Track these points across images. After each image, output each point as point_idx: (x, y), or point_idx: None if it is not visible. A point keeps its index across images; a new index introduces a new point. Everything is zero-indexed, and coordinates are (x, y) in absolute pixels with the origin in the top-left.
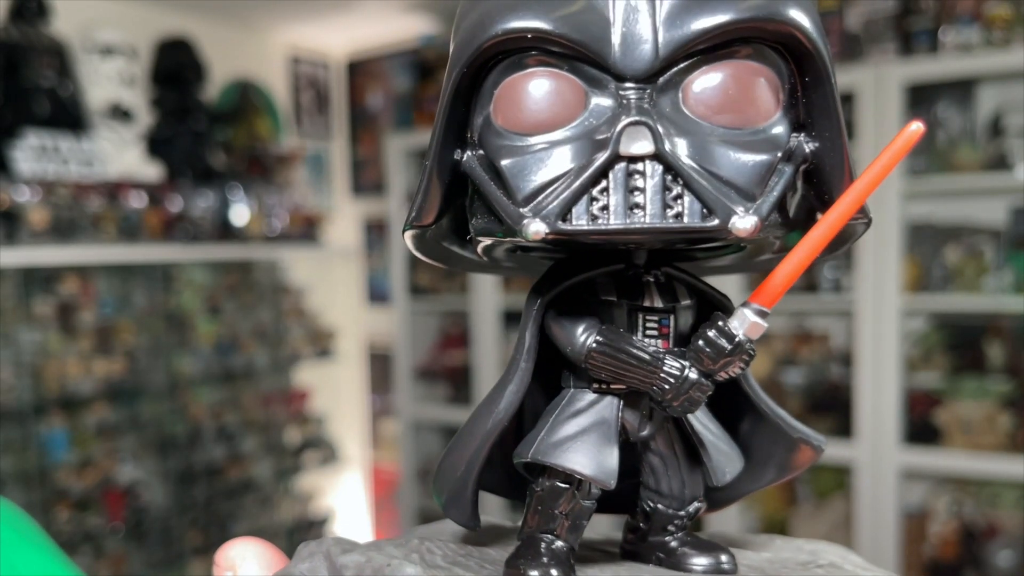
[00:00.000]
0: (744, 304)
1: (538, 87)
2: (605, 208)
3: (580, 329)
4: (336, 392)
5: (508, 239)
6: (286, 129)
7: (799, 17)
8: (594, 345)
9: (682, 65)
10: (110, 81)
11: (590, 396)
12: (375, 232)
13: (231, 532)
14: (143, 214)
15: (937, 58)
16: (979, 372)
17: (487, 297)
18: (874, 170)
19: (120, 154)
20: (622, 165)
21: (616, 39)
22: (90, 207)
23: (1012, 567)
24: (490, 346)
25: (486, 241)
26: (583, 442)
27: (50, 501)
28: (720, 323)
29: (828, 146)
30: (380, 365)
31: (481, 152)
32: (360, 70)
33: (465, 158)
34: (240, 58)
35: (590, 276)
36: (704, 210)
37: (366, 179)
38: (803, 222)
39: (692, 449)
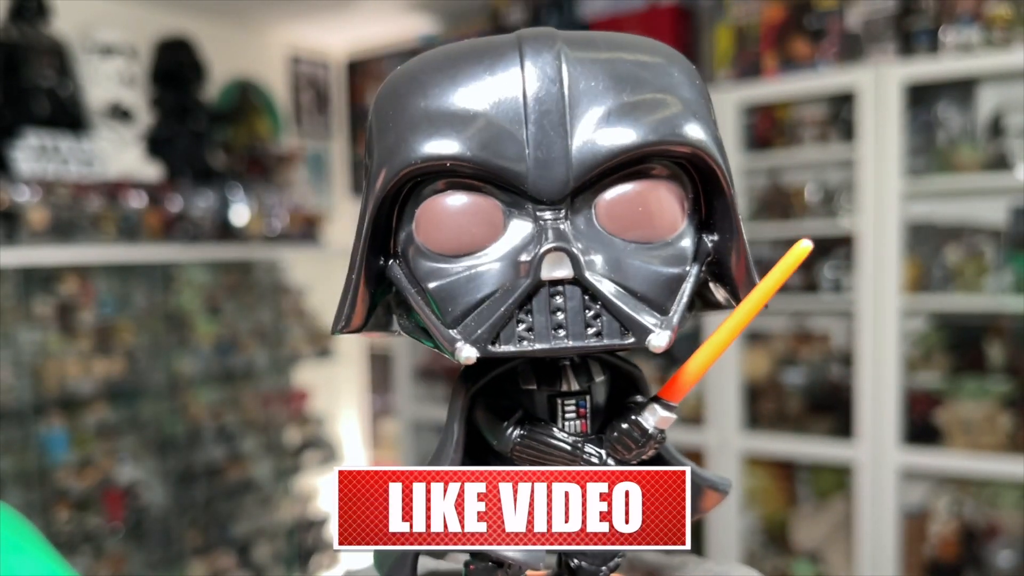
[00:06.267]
0: (655, 399)
1: (460, 210)
2: (531, 329)
3: (505, 423)
4: (336, 392)
5: (437, 351)
6: (286, 129)
7: (702, 137)
8: (518, 439)
9: (594, 184)
10: (110, 81)
11: None
12: None
13: (231, 532)
14: (143, 214)
15: (937, 58)
16: (979, 372)
17: None
18: (766, 283)
19: (120, 154)
20: (544, 288)
21: (530, 162)
22: (90, 207)
23: (1013, 567)
24: None
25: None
26: None
27: (50, 501)
28: (633, 417)
29: (727, 245)
30: (380, 365)
31: (405, 264)
32: (360, 70)
33: (390, 266)
34: (240, 58)
35: (512, 366)
36: (622, 328)
37: None
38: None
39: None
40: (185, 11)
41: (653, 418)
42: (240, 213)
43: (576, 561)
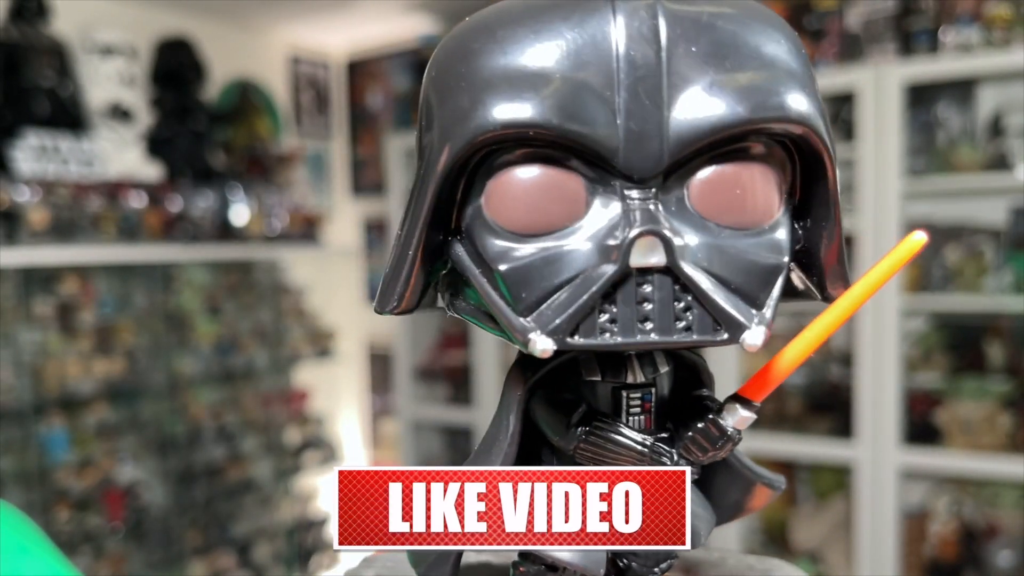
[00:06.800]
0: (735, 397)
1: (537, 184)
2: (614, 321)
3: (568, 419)
4: (336, 392)
5: (504, 339)
6: (286, 129)
7: (812, 114)
8: (583, 436)
9: (689, 162)
10: (110, 81)
11: None
12: (375, 232)
13: (231, 532)
14: (143, 214)
15: (937, 58)
16: (979, 372)
17: None
18: (872, 276)
19: (120, 154)
20: (631, 276)
21: (622, 134)
22: (90, 207)
23: (1012, 567)
24: (490, 346)
25: (467, 318)
26: None
27: (50, 501)
28: (711, 417)
29: (822, 234)
30: (380, 365)
31: (470, 242)
32: (360, 70)
33: (451, 243)
34: (240, 58)
35: (573, 355)
36: (714, 323)
37: (366, 179)
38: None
39: None
40: (185, 11)
41: (732, 418)
42: (240, 213)
43: (625, 561)
